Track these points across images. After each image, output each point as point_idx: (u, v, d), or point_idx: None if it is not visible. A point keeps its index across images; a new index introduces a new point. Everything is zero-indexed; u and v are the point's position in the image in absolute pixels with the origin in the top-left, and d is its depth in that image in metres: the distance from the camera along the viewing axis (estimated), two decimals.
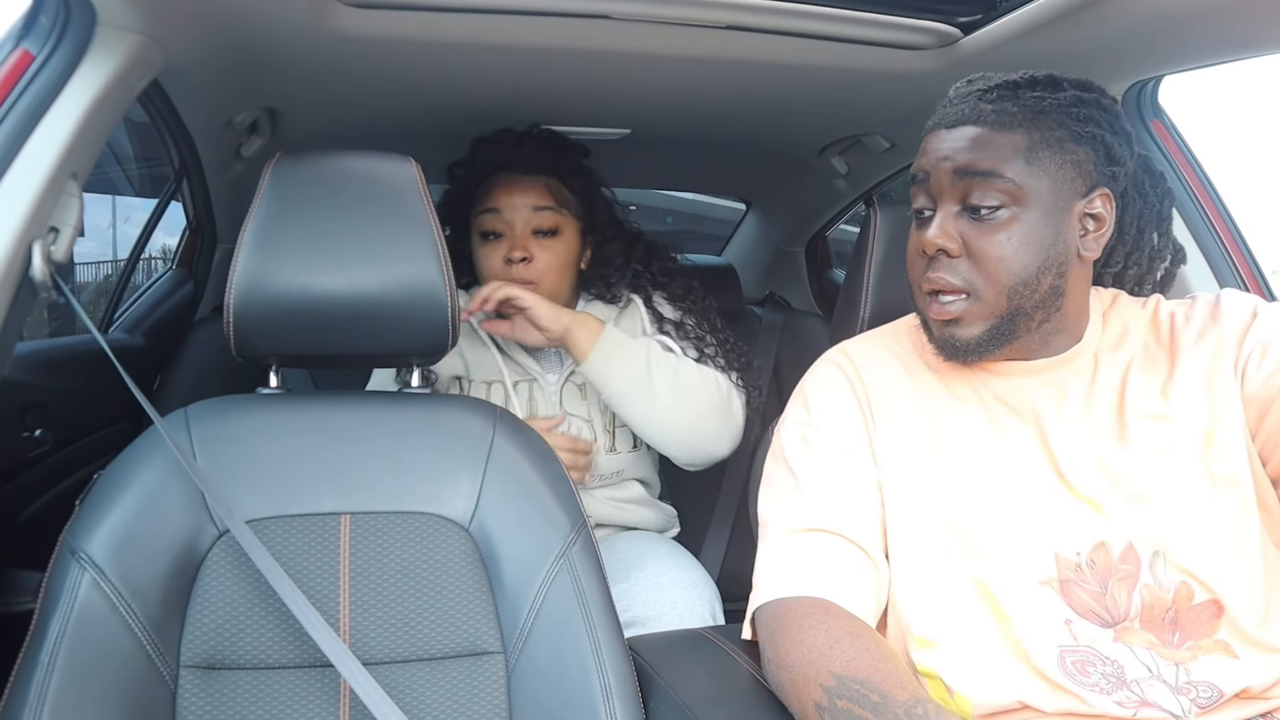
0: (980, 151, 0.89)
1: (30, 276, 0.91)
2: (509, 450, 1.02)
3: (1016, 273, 0.89)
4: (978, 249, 0.90)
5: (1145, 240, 0.98)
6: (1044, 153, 0.89)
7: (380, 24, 1.18)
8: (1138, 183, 0.97)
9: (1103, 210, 0.91)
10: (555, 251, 1.46)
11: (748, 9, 1.17)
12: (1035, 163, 0.88)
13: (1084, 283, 0.94)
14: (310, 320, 0.98)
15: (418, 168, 1.04)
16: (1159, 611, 0.85)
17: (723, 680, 0.98)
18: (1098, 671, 0.83)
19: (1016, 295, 0.89)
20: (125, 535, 0.89)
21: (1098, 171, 0.90)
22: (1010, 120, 0.89)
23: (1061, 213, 0.89)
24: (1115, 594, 0.85)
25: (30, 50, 0.94)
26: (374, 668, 0.91)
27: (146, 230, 2.06)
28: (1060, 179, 0.89)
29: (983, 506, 0.90)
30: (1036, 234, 0.89)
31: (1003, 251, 0.89)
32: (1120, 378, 0.93)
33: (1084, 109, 0.90)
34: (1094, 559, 0.87)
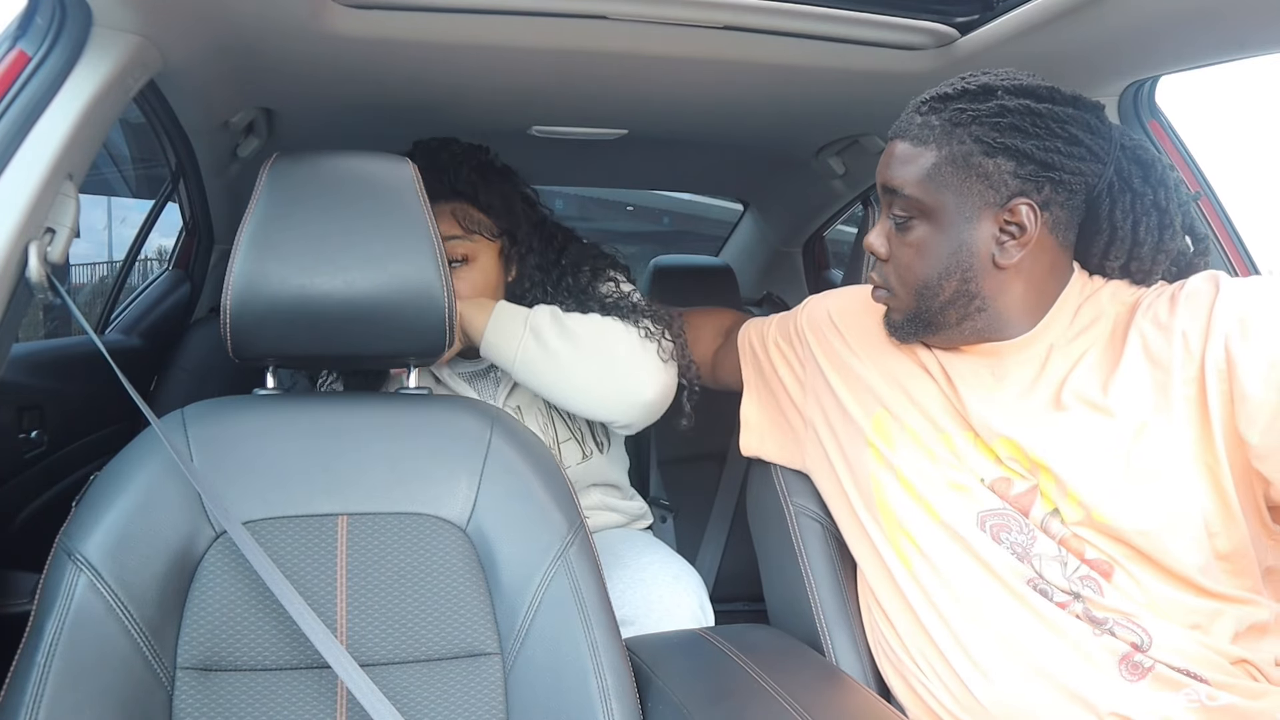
0: (895, 169, 1.00)
1: (26, 278, 0.91)
2: (506, 451, 1.02)
3: (919, 277, 1.00)
4: (893, 255, 1.03)
5: (1144, 233, 0.98)
6: (948, 170, 0.96)
7: (377, 25, 1.18)
8: (1125, 176, 0.97)
9: (1025, 219, 0.95)
10: (469, 280, 1.36)
11: (744, 9, 1.17)
12: (938, 179, 0.96)
13: (1015, 284, 0.98)
14: (307, 321, 0.97)
15: (414, 168, 1.03)
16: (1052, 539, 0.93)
17: (720, 680, 0.98)
18: (1009, 539, 0.94)
19: (921, 297, 1.01)
20: (122, 536, 0.89)
21: (1018, 181, 0.94)
22: (926, 136, 0.97)
23: (967, 225, 0.97)
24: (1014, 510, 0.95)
25: (26, 51, 0.94)
26: (371, 669, 0.91)
27: (143, 231, 2.06)
28: (963, 194, 0.96)
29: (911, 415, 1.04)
30: (937, 245, 0.98)
31: (909, 259, 1.01)
32: (1068, 367, 0.96)
33: (1009, 118, 0.94)
34: (996, 485, 0.97)
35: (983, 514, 0.96)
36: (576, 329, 1.31)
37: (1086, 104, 0.98)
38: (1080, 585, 0.90)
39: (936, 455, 1.01)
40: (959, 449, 1.00)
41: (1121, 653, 0.86)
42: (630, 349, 1.30)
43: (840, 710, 0.91)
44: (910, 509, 1.01)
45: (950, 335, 1.02)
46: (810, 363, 1.19)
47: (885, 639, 1.03)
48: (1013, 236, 0.96)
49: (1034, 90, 0.96)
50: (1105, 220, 0.98)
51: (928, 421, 1.03)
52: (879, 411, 1.07)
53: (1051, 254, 0.98)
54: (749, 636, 1.11)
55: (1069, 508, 0.91)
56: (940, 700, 0.95)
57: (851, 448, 1.09)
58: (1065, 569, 0.90)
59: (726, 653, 1.05)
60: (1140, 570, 0.88)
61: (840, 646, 1.08)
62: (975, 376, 1.01)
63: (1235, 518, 0.86)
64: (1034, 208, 0.95)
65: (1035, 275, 0.98)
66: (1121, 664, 0.86)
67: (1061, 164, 0.94)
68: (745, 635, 1.11)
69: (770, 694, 0.92)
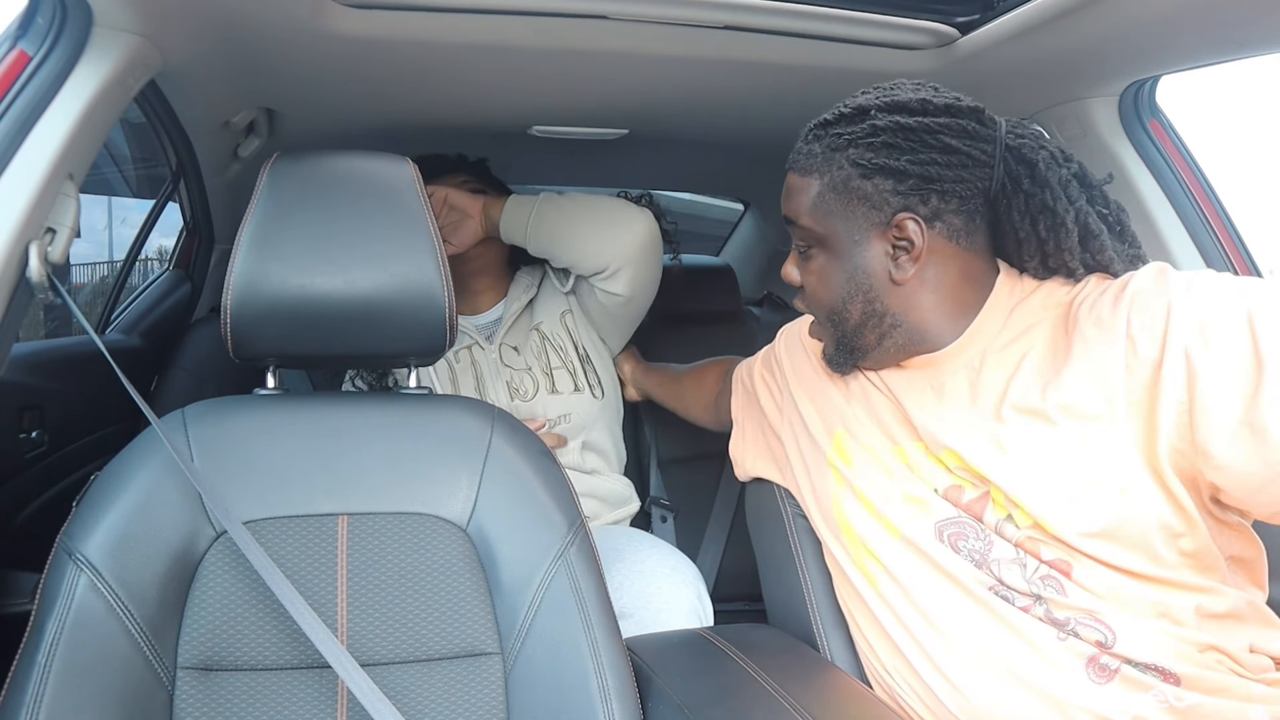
0: (788, 201, 1.02)
1: (27, 277, 0.91)
2: (506, 451, 1.02)
3: (826, 304, 1.02)
4: (805, 285, 1.05)
5: (1045, 230, 0.95)
6: (830, 197, 0.97)
7: (377, 25, 1.18)
8: (1014, 176, 0.96)
9: (912, 235, 0.95)
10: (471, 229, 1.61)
11: (745, 9, 1.17)
12: (823, 207, 0.98)
13: (923, 298, 0.98)
14: (307, 321, 0.97)
15: (415, 168, 1.04)
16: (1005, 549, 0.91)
17: (721, 680, 0.98)
18: (967, 546, 0.93)
19: (834, 323, 1.03)
20: (122, 536, 0.89)
21: (899, 197, 0.94)
22: (810, 165, 0.99)
23: (857, 247, 0.98)
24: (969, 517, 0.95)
25: (27, 51, 0.94)
26: (371, 669, 0.91)
27: (143, 231, 2.06)
28: (849, 218, 0.97)
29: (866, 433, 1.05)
30: (835, 271, 1.00)
31: (814, 287, 1.03)
32: (1008, 374, 0.94)
33: (882, 137, 0.94)
34: (948, 493, 0.96)
35: (940, 524, 0.95)
36: (575, 196, 1.61)
37: (963, 110, 0.96)
38: (1041, 586, 0.88)
39: (892, 470, 1.00)
40: (912, 460, 0.99)
41: (1088, 655, 0.85)
42: (615, 203, 1.59)
43: (841, 710, 0.91)
44: (870, 526, 1.00)
45: (879, 356, 1.02)
46: (785, 388, 1.20)
47: (862, 652, 1.04)
48: (905, 251, 0.96)
49: (905, 105, 0.95)
50: (1006, 221, 0.98)
51: (884, 435, 1.03)
52: (839, 431, 1.07)
53: (959, 261, 0.97)
54: (750, 636, 1.11)
55: (1019, 515, 0.90)
56: (917, 712, 0.95)
57: (815, 469, 1.10)
58: (1025, 571, 0.89)
59: (727, 652, 1.05)
60: (1098, 568, 0.86)
61: (836, 647, 1.08)
62: (917, 392, 1.00)
63: (1193, 518, 0.84)
64: (919, 221, 0.94)
65: (944, 284, 0.97)
66: (1089, 667, 0.85)
67: (940, 174, 0.93)
68: (746, 635, 1.11)
69: (771, 694, 0.92)
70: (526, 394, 1.61)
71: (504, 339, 1.65)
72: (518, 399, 1.61)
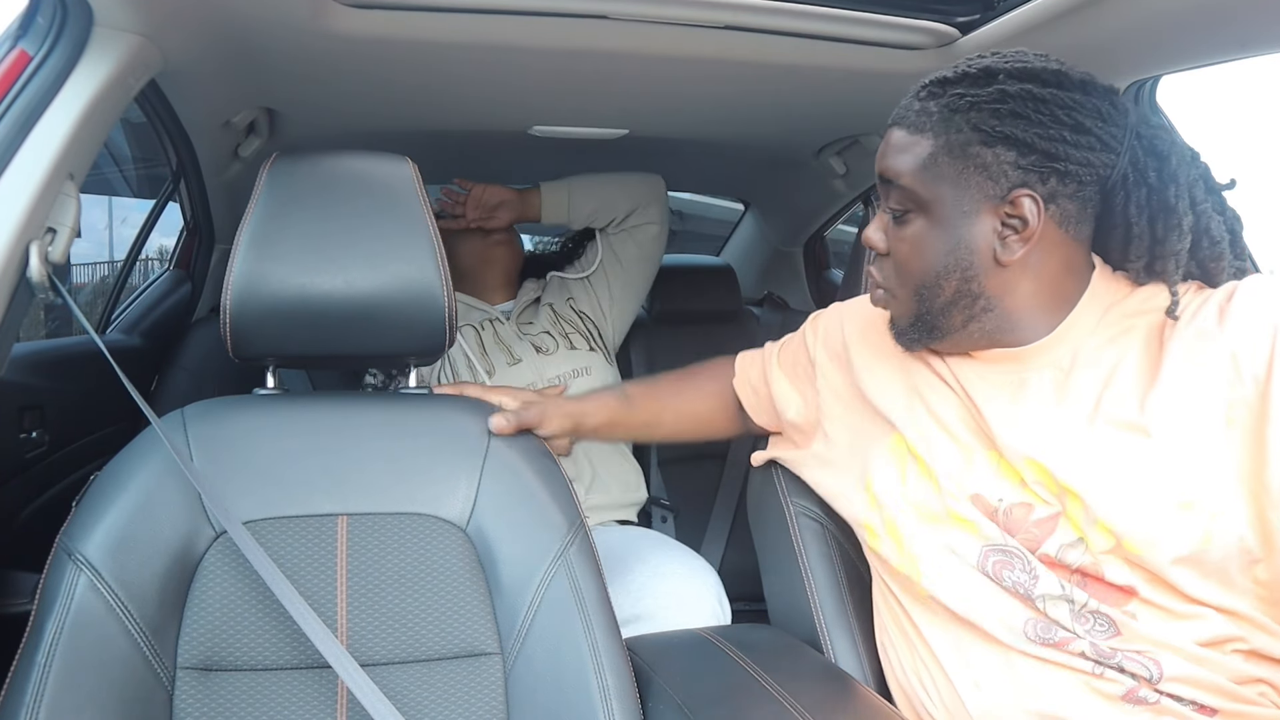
0: (891, 158, 0.93)
1: (27, 277, 0.91)
2: (506, 451, 1.02)
3: (917, 276, 0.93)
4: (892, 251, 0.95)
5: (1162, 230, 0.88)
6: (944, 160, 0.88)
7: (378, 24, 1.18)
8: (1140, 168, 0.88)
9: (1026, 213, 0.87)
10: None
11: (745, 9, 1.17)
12: (934, 170, 0.89)
13: (1023, 283, 0.90)
14: (307, 321, 0.97)
15: (414, 167, 1.03)
16: (1061, 572, 0.87)
17: (721, 680, 0.98)
18: (1011, 578, 0.88)
19: (920, 298, 0.93)
20: (122, 536, 0.89)
21: (1019, 172, 0.86)
22: (923, 123, 0.90)
23: (965, 218, 0.89)
24: (1022, 544, 0.89)
25: (27, 50, 0.94)
26: (371, 669, 0.91)
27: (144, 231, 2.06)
28: (961, 186, 0.88)
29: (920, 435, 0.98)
30: (934, 240, 0.91)
31: (906, 255, 0.93)
32: (1102, 380, 0.88)
33: (1010, 104, 0.86)
34: (1013, 512, 0.90)
35: (986, 549, 0.90)
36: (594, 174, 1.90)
37: (1098, 88, 0.88)
38: (1090, 620, 0.84)
39: (941, 484, 0.94)
40: (978, 468, 0.92)
41: (1127, 687, 0.83)
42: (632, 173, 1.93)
43: (842, 710, 0.91)
44: (902, 558, 0.96)
45: (958, 340, 0.94)
46: (818, 390, 1.13)
47: (887, 654, 1.03)
48: (1015, 231, 0.88)
49: (1039, 74, 0.87)
50: (1120, 215, 0.89)
51: (946, 435, 0.95)
52: (889, 440, 1.01)
53: (1064, 250, 0.89)
54: (750, 636, 1.11)
55: (1097, 535, 0.84)
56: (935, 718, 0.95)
57: (847, 483, 1.05)
58: (1072, 607, 0.85)
59: (728, 652, 1.04)
60: (1163, 598, 0.83)
61: (840, 647, 1.08)
62: (994, 389, 0.93)
63: (1274, 544, 0.79)
64: (1037, 200, 0.86)
65: (1046, 273, 0.90)
66: (1125, 699, 0.83)
67: (1067, 154, 0.85)
68: (746, 635, 1.11)
69: (772, 694, 0.92)
70: (548, 350, 1.79)
71: (519, 317, 1.85)
72: (541, 354, 1.78)
